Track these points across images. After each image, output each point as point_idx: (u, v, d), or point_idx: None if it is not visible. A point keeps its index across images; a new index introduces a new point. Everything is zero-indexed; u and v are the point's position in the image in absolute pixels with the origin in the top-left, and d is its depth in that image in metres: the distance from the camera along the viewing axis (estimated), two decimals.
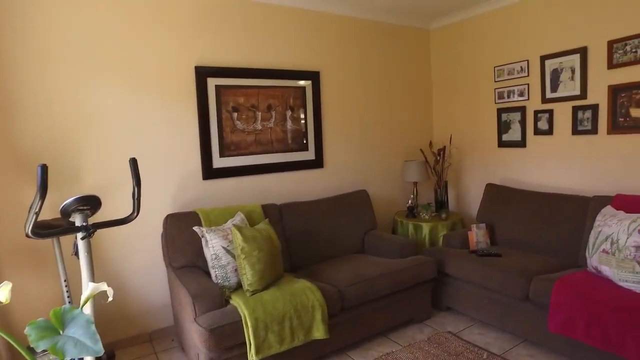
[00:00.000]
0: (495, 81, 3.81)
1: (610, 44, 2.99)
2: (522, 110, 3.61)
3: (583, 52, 3.14)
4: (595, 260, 2.47)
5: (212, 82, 3.15)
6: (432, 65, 4.45)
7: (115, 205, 2.79)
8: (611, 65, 3.01)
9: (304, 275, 2.91)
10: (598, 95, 3.10)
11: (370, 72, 4.00)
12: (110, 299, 1.05)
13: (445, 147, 4.02)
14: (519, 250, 3.26)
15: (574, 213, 3.00)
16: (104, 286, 1.00)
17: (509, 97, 3.71)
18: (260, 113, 3.41)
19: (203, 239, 2.56)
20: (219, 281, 2.49)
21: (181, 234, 2.72)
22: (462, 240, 3.38)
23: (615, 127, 3.03)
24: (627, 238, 2.28)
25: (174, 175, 3.04)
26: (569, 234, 2.99)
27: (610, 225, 2.42)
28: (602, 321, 2.21)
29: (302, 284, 2.54)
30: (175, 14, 2.97)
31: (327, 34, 3.70)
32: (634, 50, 2.89)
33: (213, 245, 2.50)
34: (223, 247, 2.51)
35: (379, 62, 4.05)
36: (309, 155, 3.69)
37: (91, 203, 2.07)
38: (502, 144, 3.83)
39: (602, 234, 2.44)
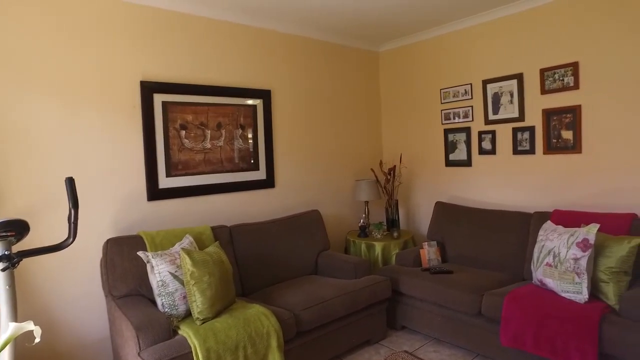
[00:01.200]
0: (441, 103, 3.97)
1: (542, 71, 3.23)
2: (467, 131, 3.78)
3: (519, 78, 3.36)
4: (540, 273, 2.58)
5: (158, 98, 3.01)
6: (381, 86, 4.57)
7: (48, 229, 2.53)
8: (544, 91, 3.23)
9: (258, 300, 2.79)
10: (534, 118, 3.32)
11: (322, 92, 4.02)
12: (37, 339, 0.90)
13: (395, 166, 4.10)
14: (469, 266, 3.34)
15: (518, 228, 3.15)
16: (29, 325, 0.85)
17: (454, 118, 3.88)
18: (209, 131, 3.30)
19: (148, 265, 2.38)
20: (166, 310, 2.32)
21: (123, 259, 2.51)
22: (415, 258, 3.42)
23: (549, 148, 3.24)
24: (567, 251, 2.41)
25: (116, 196, 2.83)
26: (513, 249, 3.12)
27: (552, 240, 2.54)
28: (548, 332, 2.30)
29: (255, 309, 2.42)
30: (119, 26, 2.82)
31: (278, 52, 3.69)
32: (560, 78, 3.13)
33: (159, 271, 2.33)
34: (170, 273, 2.34)
35: (329, 82, 4.09)
36: (260, 174, 3.61)
37: (17, 228, 1.84)
38: (449, 163, 3.97)
39: (545, 248, 2.56)
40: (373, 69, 4.51)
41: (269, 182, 3.66)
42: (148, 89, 2.94)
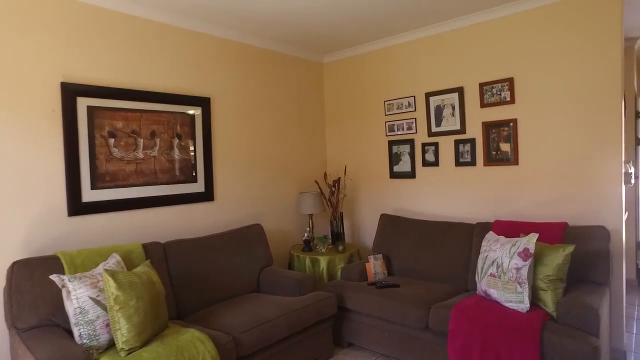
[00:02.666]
0: (386, 114, 3.98)
1: (481, 86, 3.32)
2: (411, 142, 3.80)
3: (460, 91, 3.44)
4: (484, 284, 2.59)
5: (83, 102, 2.72)
6: (325, 97, 4.51)
7: None
8: (483, 104, 3.33)
9: (194, 323, 2.56)
10: (474, 130, 3.40)
11: (264, 102, 3.89)
12: None
13: (340, 178, 4.04)
14: (415, 278, 3.32)
15: (461, 239, 3.17)
16: None
17: (398, 130, 3.89)
18: (142, 140, 3.04)
19: (64, 290, 2.08)
20: (85, 341, 2.03)
21: (34, 284, 2.18)
22: (360, 272, 3.34)
23: (489, 160, 3.33)
24: (510, 261, 2.44)
25: (28, 212, 2.48)
26: (457, 260, 3.13)
27: (495, 250, 2.57)
28: (493, 343, 2.29)
29: (190, 334, 2.20)
30: (35, 19, 2.51)
31: (219, 59, 3.52)
32: (498, 92, 3.24)
33: (77, 296, 2.04)
34: (91, 298, 2.06)
35: (273, 92, 3.97)
36: (198, 187, 3.38)
37: None
38: (393, 175, 3.97)
39: (489, 258, 2.58)
40: (317, 80, 4.45)
41: (207, 195, 3.44)
42: (70, 92, 2.65)
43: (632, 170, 3.34)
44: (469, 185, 3.46)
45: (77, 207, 2.68)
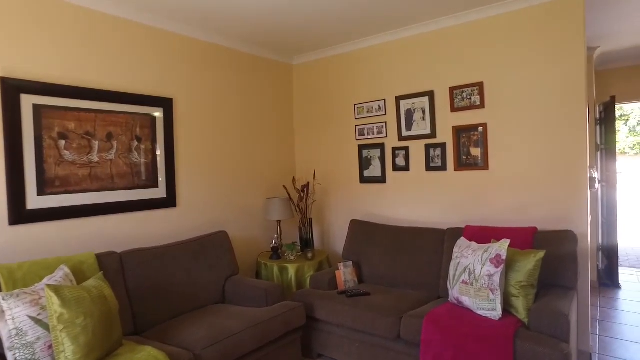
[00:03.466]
0: (356, 118, 3.91)
1: (451, 90, 3.30)
2: (381, 147, 3.74)
3: (431, 95, 3.41)
4: (456, 291, 2.53)
5: (28, 100, 2.49)
6: (294, 100, 4.40)
7: None
8: (453, 108, 3.31)
9: (153, 339, 2.38)
10: (445, 135, 3.37)
11: (231, 104, 3.74)
12: None
13: (309, 183, 3.93)
14: (386, 285, 3.24)
15: (432, 245, 3.12)
16: None
17: (368, 134, 3.83)
18: (97, 142, 2.83)
19: None
20: None
21: None
22: (330, 281, 3.24)
23: (460, 164, 3.31)
24: (482, 267, 2.39)
25: None
26: (429, 266, 3.08)
27: (467, 257, 2.52)
28: (466, 353, 2.23)
29: (147, 352, 2.02)
30: None
31: (183, 59, 3.34)
32: (468, 97, 3.22)
33: (13, 316, 1.82)
34: (31, 317, 1.85)
35: (240, 94, 3.82)
36: (160, 192, 3.19)
37: None
38: (364, 179, 3.89)
39: (461, 265, 2.53)
40: (286, 82, 4.34)
41: (169, 201, 3.25)
42: (12, 88, 2.42)
43: (595, 175, 3.41)
44: (440, 190, 3.43)
45: (20, 215, 2.45)
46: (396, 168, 3.67)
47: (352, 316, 2.74)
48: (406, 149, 3.60)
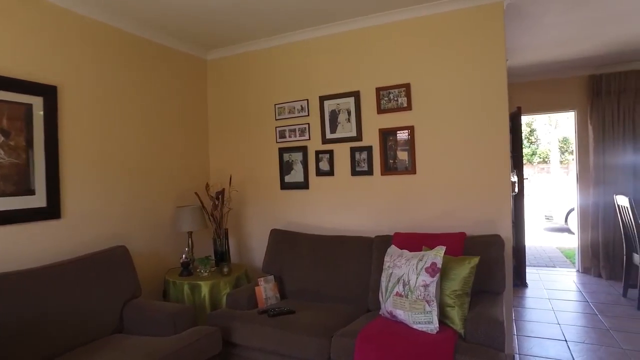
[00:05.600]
0: (276, 119, 3.61)
1: (378, 90, 3.17)
2: (304, 150, 3.49)
3: (357, 95, 3.24)
4: (389, 304, 2.34)
5: None
6: (209, 98, 3.98)
7: None
8: (380, 110, 3.17)
9: None
10: (371, 137, 3.22)
11: (136, 99, 3.22)
12: None
13: (224, 189, 3.53)
14: (312, 301, 2.97)
15: (360, 255, 2.92)
16: None
17: (290, 136, 3.55)
18: None
19: None
20: None
21: None
22: (249, 298, 2.88)
23: (387, 169, 3.17)
24: (417, 278, 2.22)
25: None
26: (357, 277, 2.87)
27: (400, 266, 2.34)
28: None
29: None
30: None
31: (76, 41, 2.78)
32: (395, 98, 3.11)
33: None
34: None
35: (146, 89, 3.31)
36: (37, 201, 2.58)
37: None
38: (285, 185, 3.60)
39: (394, 275, 2.35)
40: (200, 78, 3.90)
41: (51, 212, 2.64)
42: None
43: (515, 179, 3.52)
44: (366, 196, 3.26)
45: None
46: (320, 173, 3.44)
47: (276, 338, 2.41)
48: (330, 152, 3.38)
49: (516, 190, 3.46)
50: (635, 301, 4.13)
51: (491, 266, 2.52)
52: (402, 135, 3.09)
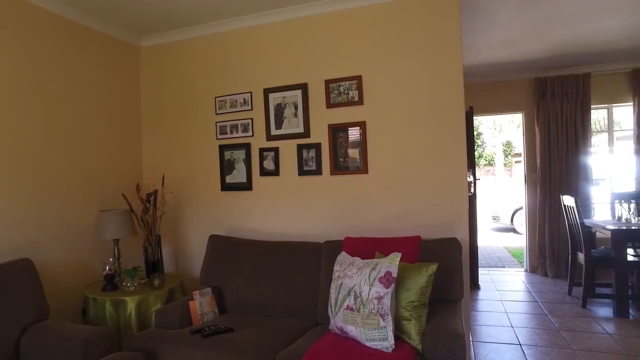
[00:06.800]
0: (217, 113, 3.27)
1: (327, 83, 2.92)
2: (247, 147, 3.17)
3: (304, 88, 2.98)
4: (339, 319, 2.08)
5: None
6: (142, 89, 3.55)
7: None
8: (329, 104, 2.92)
9: None
10: (320, 134, 2.97)
11: (51, 86, 2.75)
12: None
13: (156, 191, 3.13)
14: (254, 315, 2.65)
15: (308, 262, 2.65)
16: None
17: (232, 132, 3.22)
18: None
19: None
20: None
21: None
22: (182, 315, 2.52)
23: (337, 168, 2.93)
24: (370, 289, 1.98)
25: None
26: (304, 287, 2.60)
27: (351, 276, 2.09)
28: None
29: None
30: None
31: None
32: (346, 92, 2.88)
33: None
34: None
35: (67, 76, 2.86)
36: None
37: None
38: (226, 186, 3.26)
39: (344, 286, 2.09)
40: (132, 67, 3.47)
41: None
42: None
43: (470, 178, 3.41)
44: (315, 198, 3.00)
45: None
46: (264, 172, 3.13)
47: None
48: (276, 150, 3.09)
49: (472, 190, 3.36)
50: (580, 299, 4.18)
51: (449, 272, 2.34)
52: (354, 131, 2.86)
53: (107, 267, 2.83)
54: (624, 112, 5.79)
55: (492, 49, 4.25)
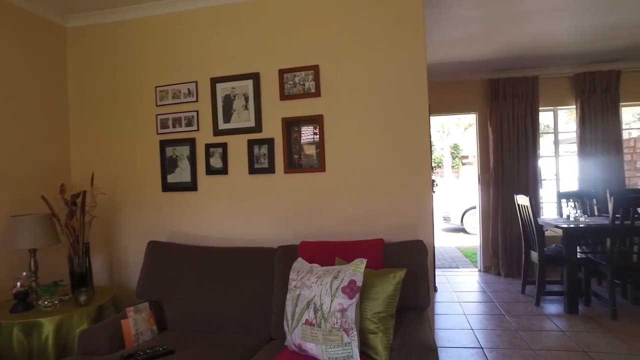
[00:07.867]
0: (157, 105, 2.90)
1: (281, 72, 2.67)
2: (192, 143, 2.84)
3: (256, 78, 2.70)
4: (297, 335, 1.82)
5: None
6: (69, 77, 3.11)
7: None
8: (283, 96, 2.67)
9: None
10: (273, 128, 2.70)
11: None
12: None
13: (85, 191, 2.72)
14: (200, 331, 2.34)
15: (260, 270, 2.38)
16: None
17: (174, 126, 2.88)
18: None
19: None
20: None
21: None
22: (113, 336, 2.15)
23: (291, 165, 2.68)
24: (332, 301, 1.74)
25: None
26: (256, 298, 2.32)
27: (310, 286, 1.84)
28: None
29: None
30: None
31: None
32: (301, 82, 2.64)
33: None
34: None
35: None
36: None
37: None
38: (168, 187, 2.91)
39: (302, 298, 1.84)
40: (57, 50, 3.02)
41: None
42: None
43: (434, 178, 3.28)
44: (267, 198, 2.73)
45: None
46: (211, 171, 2.82)
47: None
48: (224, 145, 2.79)
49: (435, 190, 3.25)
50: (533, 297, 4.21)
51: (414, 278, 2.15)
52: (310, 126, 2.62)
53: (19, 283, 2.39)
54: (563, 115, 6.00)
55: (448, 46, 4.20)
